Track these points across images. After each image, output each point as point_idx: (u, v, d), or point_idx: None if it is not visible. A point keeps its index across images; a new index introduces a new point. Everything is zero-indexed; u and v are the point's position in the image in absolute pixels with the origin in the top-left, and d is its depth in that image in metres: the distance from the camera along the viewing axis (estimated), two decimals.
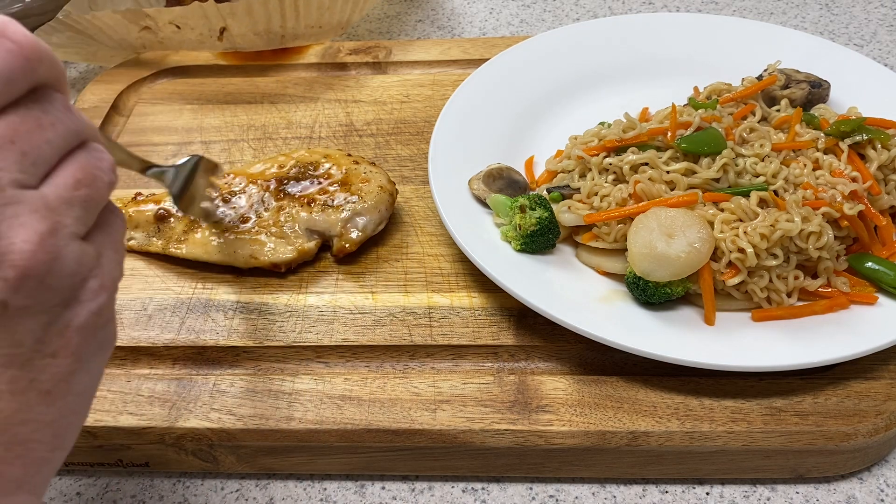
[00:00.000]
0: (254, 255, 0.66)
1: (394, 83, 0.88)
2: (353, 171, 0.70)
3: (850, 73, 0.77)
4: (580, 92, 0.81)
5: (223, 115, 0.86)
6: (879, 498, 0.56)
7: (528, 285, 0.60)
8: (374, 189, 0.68)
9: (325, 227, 0.67)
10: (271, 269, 0.66)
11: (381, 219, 0.68)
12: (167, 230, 0.69)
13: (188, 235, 0.68)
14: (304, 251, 0.67)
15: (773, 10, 1.08)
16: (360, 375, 0.60)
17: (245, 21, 0.86)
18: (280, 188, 0.69)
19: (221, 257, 0.67)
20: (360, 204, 0.67)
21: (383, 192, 0.69)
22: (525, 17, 1.10)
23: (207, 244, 0.67)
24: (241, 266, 0.67)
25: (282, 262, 0.66)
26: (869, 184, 0.63)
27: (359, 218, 0.67)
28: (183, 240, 0.68)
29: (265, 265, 0.66)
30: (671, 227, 0.58)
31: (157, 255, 0.70)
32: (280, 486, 0.59)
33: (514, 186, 0.69)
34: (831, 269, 0.61)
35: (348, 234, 0.67)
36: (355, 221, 0.67)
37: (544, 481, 0.58)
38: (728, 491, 0.57)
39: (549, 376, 0.59)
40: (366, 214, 0.67)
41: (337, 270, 0.68)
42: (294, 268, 0.68)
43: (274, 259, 0.66)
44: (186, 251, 0.67)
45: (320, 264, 0.69)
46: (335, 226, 0.67)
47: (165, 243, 0.68)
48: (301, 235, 0.67)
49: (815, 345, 0.56)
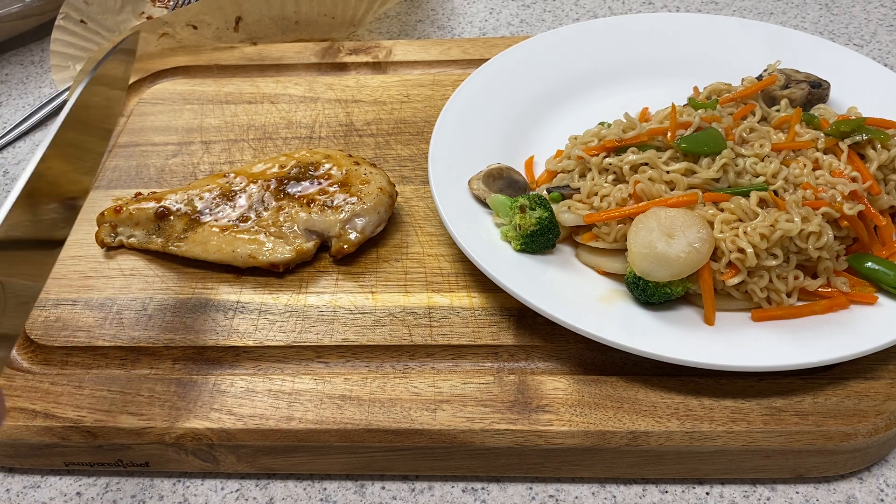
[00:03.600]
0: (252, 254, 0.66)
1: (394, 83, 0.88)
2: (354, 173, 0.70)
3: (850, 73, 0.77)
4: (580, 92, 0.81)
5: (223, 115, 0.86)
6: (879, 498, 0.56)
7: (528, 285, 0.60)
8: (374, 191, 0.68)
9: (323, 228, 0.67)
10: (269, 269, 0.67)
11: (379, 220, 0.68)
12: (167, 228, 0.69)
13: (188, 234, 0.68)
14: (303, 251, 0.67)
15: (773, 10, 1.08)
16: (360, 375, 0.60)
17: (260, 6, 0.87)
18: (280, 188, 0.69)
19: (220, 256, 0.67)
20: (359, 205, 0.67)
21: (383, 194, 0.69)
22: (525, 17, 1.10)
23: (207, 243, 0.67)
24: (239, 265, 0.67)
25: (280, 262, 0.66)
26: (869, 184, 0.63)
27: (357, 219, 0.67)
28: (183, 238, 0.68)
29: (263, 265, 0.66)
30: (671, 227, 0.58)
31: (158, 254, 0.70)
32: (280, 486, 0.59)
33: (514, 186, 0.69)
34: (831, 269, 0.61)
35: (347, 235, 0.67)
36: (354, 223, 0.67)
37: (544, 481, 0.58)
38: (728, 491, 0.57)
39: (549, 376, 0.59)
40: (364, 216, 0.67)
41: (336, 270, 0.68)
42: (292, 268, 0.68)
43: (272, 259, 0.66)
44: (186, 249, 0.68)
45: (320, 264, 0.69)
46: (334, 227, 0.67)
47: (165, 241, 0.68)
48: (300, 236, 0.67)
49: (815, 345, 0.56)
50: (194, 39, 0.90)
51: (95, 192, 0.77)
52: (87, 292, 0.67)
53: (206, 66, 0.92)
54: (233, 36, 0.90)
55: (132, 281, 0.68)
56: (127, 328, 0.64)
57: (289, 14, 0.89)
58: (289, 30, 0.91)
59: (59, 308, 0.66)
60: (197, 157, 0.81)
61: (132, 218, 0.70)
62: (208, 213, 0.69)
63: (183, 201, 0.70)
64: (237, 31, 0.90)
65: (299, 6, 0.88)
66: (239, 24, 0.89)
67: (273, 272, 0.67)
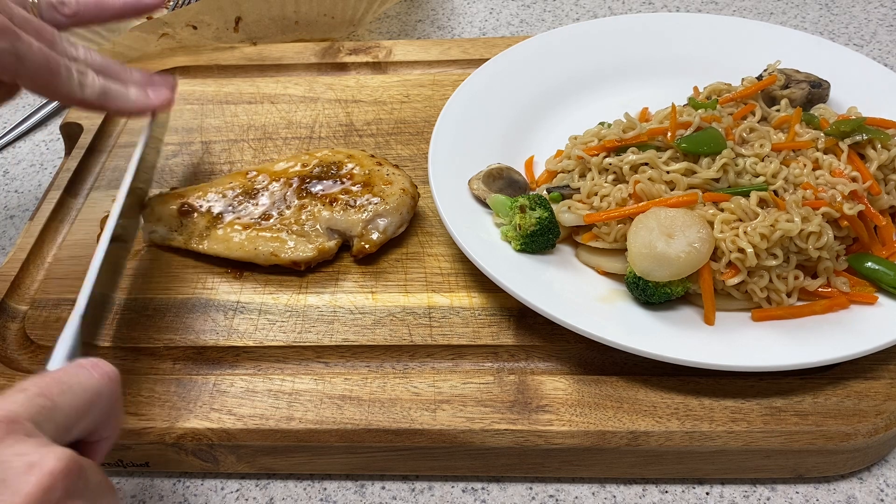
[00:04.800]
0: (275, 252, 0.66)
1: (394, 83, 0.88)
2: (377, 173, 0.70)
3: (850, 73, 0.77)
4: (580, 92, 0.81)
5: (223, 115, 0.86)
6: (879, 498, 0.56)
7: (528, 285, 0.60)
8: (397, 191, 0.69)
9: (345, 227, 0.67)
10: (291, 266, 0.67)
11: (402, 221, 0.68)
12: (190, 225, 0.69)
13: (210, 232, 0.68)
14: (325, 250, 0.67)
15: (773, 10, 1.08)
16: (360, 375, 0.60)
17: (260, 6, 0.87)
18: (303, 187, 0.70)
19: (242, 253, 0.67)
20: (381, 205, 0.67)
21: (405, 195, 0.69)
22: (525, 17, 1.10)
23: (230, 241, 0.67)
24: (261, 263, 0.67)
25: (302, 260, 0.66)
26: (869, 184, 0.63)
27: (380, 219, 0.67)
28: (205, 236, 0.68)
29: (285, 263, 0.66)
30: (671, 227, 0.58)
31: (162, 253, 0.70)
32: (280, 486, 0.59)
33: (514, 186, 0.69)
34: (831, 269, 0.61)
35: (369, 234, 0.67)
36: (376, 223, 0.67)
37: (544, 481, 0.58)
38: (728, 491, 0.57)
39: (549, 376, 0.59)
40: (387, 216, 0.67)
41: (359, 270, 0.68)
42: (313, 266, 0.68)
43: (294, 257, 0.66)
44: (207, 246, 0.68)
45: (341, 265, 0.69)
46: (356, 226, 0.67)
47: (187, 238, 0.69)
48: (322, 234, 0.67)
49: (814, 345, 0.56)
50: (194, 40, 0.90)
51: (95, 192, 0.77)
52: None
53: (206, 67, 0.92)
54: (232, 36, 0.90)
55: (132, 281, 0.68)
56: (127, 328, 0.64)
57: (288, 14, 0.89)
58: (288, 30, 0.91)
59: (59, 308, 0.66)
60: (197, 158, 0.81)
61: (154, 213, 0.70)
62: (231, 211, 0.69)
63: (206, 199, 0.70)
64: (237, 31, 0.90)
65: (299, 6, 0.88)
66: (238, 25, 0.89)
67: (295, 270, 0.67)
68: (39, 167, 0.91)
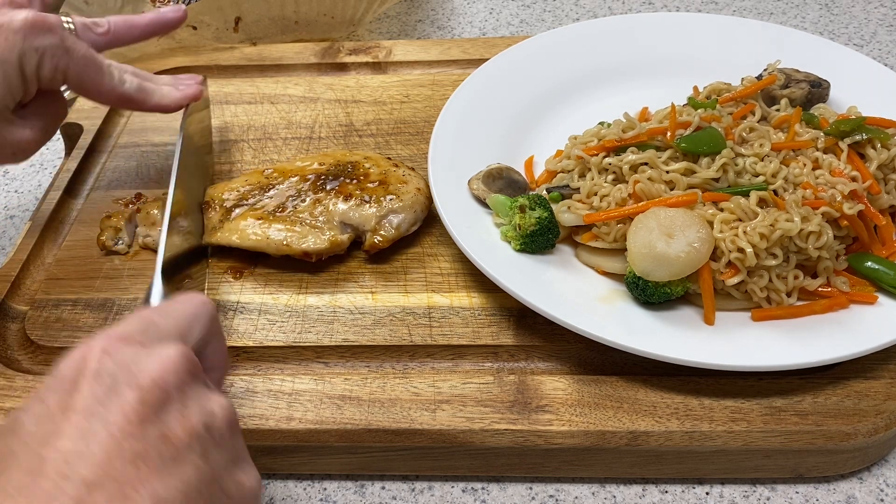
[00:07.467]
0: (287, 241, 0.66)
1: (394, 83, 0.88)
2: (392, 173, 0.71)
3: (850, 73, 0.77)
4: (580, 92, 0.81)
5: (223, 116, 0.86)
6: (879, 498, 0.56)
7: (527, 285, 0.60)
8: (412, 190, 0.69)
9: (359, 222, 0.67)
10: (302, 257, 0.67)
11: (415, 219, 0.68)
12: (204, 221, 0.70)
13: (223, 224, 0.68)
14: (337, 243, 0.67)
15: (773, 10, 1.08)
16: (359, 375, 0.60)
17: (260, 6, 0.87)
18: (318, 183, 0.70)
19: (254, 243, 0.67)
20: (396, 202, 0.68)
21: (420, 195, 0.69)
22: (525, 17, 1.10)
23: (242, 230, 0.67)
24: (272, 253, 0.67)
25: (313, 250, 0.66)
26: (868, 183, 0.63)
27: (393, 216, 0.67)
28: (218, 228, 0.68)
29: (297, 253, 0.66)
30: (671, 226, 0.58)
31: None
32: (280, 486, 0.59)
33: (514, 186, 0.69)
34: (831, 268, 0.61)
35: (381, 230, 0.67)
36: (390, 219, 0.67)
37: (544, 481, 0.58)
38: (728, 491, 0.57)
39: (549, 376, 0.59)
40: (401, 213, 0.68)
41: (365, 269, 0.68)
42: (324, 259, 0.68)
43: (306, 247, 0.66)
44: (220, 237, 0.68)
45: (351, 262, 0.69)
46: (369, 221, 0.67)
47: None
48: (335, 227, 0.67)
49: (814, 345, 0.56)
50: (194, 40, 0.90)
51: (95, 192, 0.77)
52: (87, 293, 0.67)
53: (206, 67, 0.92)
54: (232, 36, 0.90)
55: (133, 282, 0.68)
56: None
57: (288, 14, 0.89)
58: (288, 30, 0.91)
59: (59, 308, 0.66)
60: None
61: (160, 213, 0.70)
62: (245, 205, 0.69)
63: (223, 196, 0.71)
64: (237, 31, 0.90)
65: (299, 6, 0.88)
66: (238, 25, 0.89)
67: (306, 261, 0.67)
68: (39, 167, 0.91)
